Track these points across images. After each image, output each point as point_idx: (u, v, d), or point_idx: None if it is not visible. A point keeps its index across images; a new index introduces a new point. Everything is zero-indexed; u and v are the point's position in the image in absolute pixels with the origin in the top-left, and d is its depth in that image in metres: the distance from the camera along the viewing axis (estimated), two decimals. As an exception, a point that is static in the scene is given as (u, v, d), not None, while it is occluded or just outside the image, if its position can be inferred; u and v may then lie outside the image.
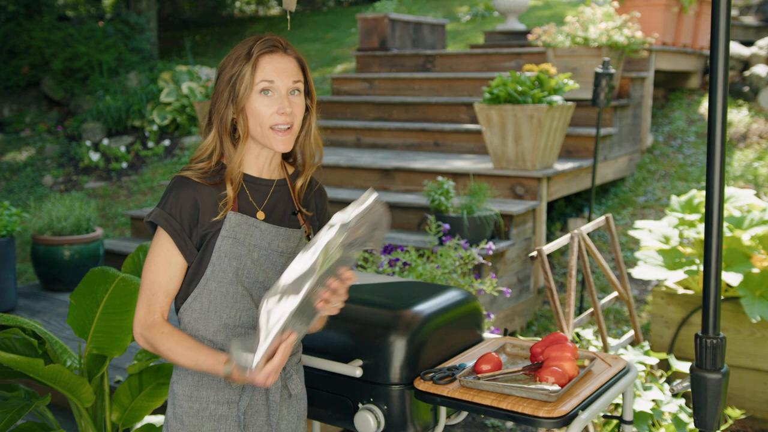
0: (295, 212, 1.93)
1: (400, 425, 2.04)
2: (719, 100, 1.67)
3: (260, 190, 1.88)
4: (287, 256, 1.87)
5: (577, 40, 5.72)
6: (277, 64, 1.80)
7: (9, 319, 2.47)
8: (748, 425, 3.71)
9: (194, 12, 16.97)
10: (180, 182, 1.81)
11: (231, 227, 1.81)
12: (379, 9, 8.03)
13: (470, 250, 3.54)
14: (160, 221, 1.79)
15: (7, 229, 4.60)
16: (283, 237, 1.87)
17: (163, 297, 1.80)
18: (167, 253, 1.80)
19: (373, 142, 6.41)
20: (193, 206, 1.79)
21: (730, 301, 3.73)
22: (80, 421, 2.58)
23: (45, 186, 8.05)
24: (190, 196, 1.79)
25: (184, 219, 1.79)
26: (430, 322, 2.10)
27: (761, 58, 6.90)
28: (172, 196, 1.80)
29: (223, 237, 1.80)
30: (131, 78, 9.50)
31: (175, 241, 1.79)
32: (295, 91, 1.82)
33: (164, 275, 1.80)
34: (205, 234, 1.81)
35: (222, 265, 1.80)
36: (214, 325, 1.82)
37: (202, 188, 1.80)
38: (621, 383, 2.05)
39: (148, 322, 1.79)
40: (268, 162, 1.89)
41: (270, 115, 1.79)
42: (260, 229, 1.84)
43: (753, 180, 5.75)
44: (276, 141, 1.81)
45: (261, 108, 1.79)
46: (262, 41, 1.81)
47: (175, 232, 1.78)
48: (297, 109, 1.82)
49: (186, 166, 1.86)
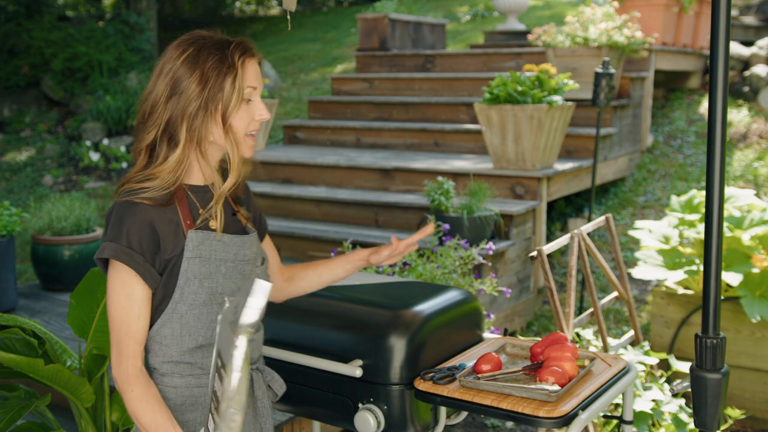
0: (235, 213, 1.85)
1: (400, 425, 2.04)
2: (719, 100, 1.67)
3: (206, 199, 1.77)
4: (251, 263, 1.80)
5: (577, 40, 5.72)
6: (255, 69, 1.72)
7: (9, 319, 2.47)
8: (748, 425, 3.71)
9: (194, 12, 16.98)
10: (131, 209, 1.65)
11: (194, 246, 1.69)
12: (379, 9, 8.03)
13: (470, 250, 3.54)
14: (119, 256, 1.63)
15: (7, 229, 4.60)
16: (246, 245, 1.79)
17: (131, 341, 1.67)
18: (129, 290, 1.66)
19: (373, 142, 6.41)
20: (151, 233, 1.66)
21: (730, 301, 3.73)
22: (80, 421, 2.58)
23: (45, 186, 8.05)
24: (146, 221, 1.65)
25: (144, 248, 1.65)
26: (430, 322, 2.10)
27: (761, 58, 6.90)
28: (126, 227, 1.65)
29: (189, 258, 1.68)
30: (131, 78, 9.50)
31: (138, 272, 1.65)
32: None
33: (129, 313, 1.66)
34: (168, 259, 1.68)
35: (192, 288, 1.69)
36: (189, 347, 1.72)
37: (157, 212, 1.67)
38: (621, 383, 2.05)
39: (121, 369, 1.67)
40: (213, 169, 1.77)
41: (249, 122, 1.71)
42: (223, 242, 1.74)
43: (753, 180, 5.75)
44: (247, 147, 1.73)
45: (243, 116, 1.70)
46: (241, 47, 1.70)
47: (137, 263, 1.64)
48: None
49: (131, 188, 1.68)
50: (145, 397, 1.65)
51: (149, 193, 1.66)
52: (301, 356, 2.15)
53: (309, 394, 2.17)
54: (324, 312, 2.21)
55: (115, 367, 1.68)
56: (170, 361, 1.73)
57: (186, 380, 1.74)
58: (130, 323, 1.67)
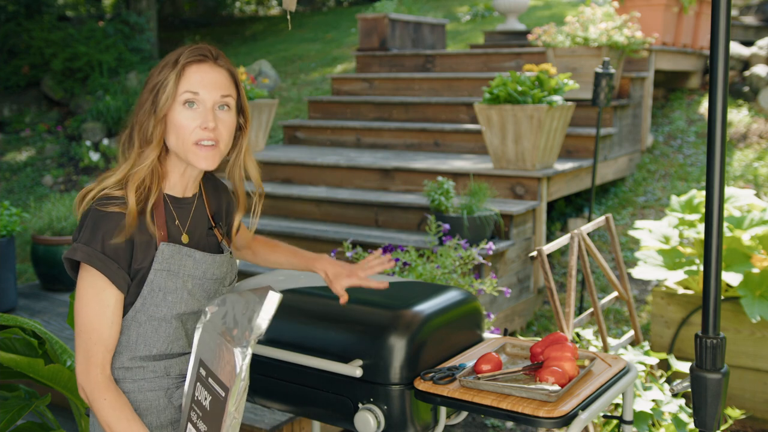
0: (212, 227, 1.82)
1: (400, 425, 2.04)
2: (719, 100, 1.67)
3: (184, 210, 1.75)
4: (219, 282, 1.78)
5: (577, 40, 5.72)
6: (204, 75, 1.65)
7: (9, 319, 2.47)
8: (748, 425, 3.71)
9: (194, 12, 16.98)
10: (105, 217, 1.63)
11: (164, 259, 1.67)
12: (379, 9, 8.03)
13: (470, 250, 3.54)
14: (92, 262, 1.60)
15: (7, 229, 4.60)
16: (218, 264, 1.77)
17: (102, 348, 1.63)
18: (101, 295, 1.63)
19: (373, 142, 6.41)
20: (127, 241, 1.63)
21: (730, 301, 3.73)
22: (80, 421, 2.58)
23: (45, 186, 8.05)
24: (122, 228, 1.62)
25: (119, 254, 1.62)
26: (430, 322, 2.10)
27: (761, 58, 6.90)
28: (101, 233, 1.61)
29: (156, 270, 1.66)
30: (131, 78, 9.50)
31: (111, 278, 1.62)
32: (224, 106, 1.68)
33: (100, 319, 1.63)
34: (139, 268, 1.66)
35: (155, 300, 1.67)
36: (141, 355, 1.70)
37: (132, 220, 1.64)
38: (621, 383, 2.05)
39: (90, 378, 1.63)
40: (193, 180, 1.76)
41: (192, 130, 1.64)
42: (194, 259, 1.71)
43: (753, 180, 5.75)
44: (199, 158, 1.66)
45: (183, 121, 1.64)
46: (191, 49, 1.67)
47: (110, 270, 1.61)
48: (223, 126, 1.67)
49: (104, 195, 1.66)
50: (118, 405, 1.63)
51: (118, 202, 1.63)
52: (301, 356, 2.15)
53: (309, 394, 2.17)
54: (324, 312, 2.21)
55: (82, 375, 1.64)
56: (122, 367, 1.70)
57: (138, 384, 1.71)
58: (101, 330, 1.63)
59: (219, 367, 1.59)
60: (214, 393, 1.59)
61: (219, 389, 1.57)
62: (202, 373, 1.65)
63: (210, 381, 1.61)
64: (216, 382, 1.59)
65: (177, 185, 1.75)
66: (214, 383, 1.59)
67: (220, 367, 1.58)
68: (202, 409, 1.63)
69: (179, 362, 1.75)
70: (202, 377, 1.65)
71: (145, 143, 1.66)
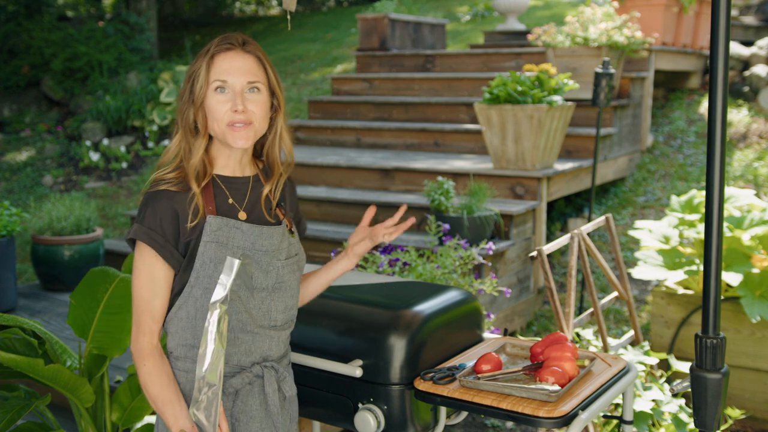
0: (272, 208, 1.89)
1: (400, 425, 2.04)
2: (719, 100, 1.67)
3: (239, 189, 1.85)
4: (272, 255, 1.84)
5: (577, 40, 5.72)
6: (231, 62, 1.77)
7: (9, 319, 2.47)
8: (748, 425, 3.71)
9: (194, 12, 16.98)
10: (154, 195, 1.77)
11: (212, 231, 1.77)
12: (379, 9, 8.03)
13: (470, 250, 3.54)
14: (140, 236, 1.74)
15: (7, 229, 4.60)
16: (266, 236, 1.83)
17: (149, 318, 1.76)
18: (150, 269, 1.76)
19: (373, 142, 6.41)
20: (173, 216, 1.75)
21: (730, 301, 3.73)
22: (80, 421, 2.58)
23: (45, 186, 8.05)
24: (168, 206, 1.75)
25: (166, 230, 1.75)
26: (430, 322, 2.10)
27: (761, 58, 6.90)
28: (149, 210, 1.75)
29: (206, 242, 1.76)
30: (131, 78, 9.50)
31: (159, 252, 1.74)
32: (253, 89, 1.78)
33: (149, 291, 1.76)
34: (188, 242, 1.76)
35: (207, 271, 1.76)
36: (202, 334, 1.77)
37: (178, 196, 1.76)
38: (621, 383, 2.05)
39: (137, 344, 1.77)
40: (238, 161, 1.86)
41: (225, 113, 1.76)
42: (242, 230, 1.80)
43: (753, 180, 5.76)
44: (233, 137, 1.77)
45: (216, 105, 1.76)
46: (220, 38, 1.80)
47: (158, 243, 1.74)
48: (255, 107, 1.78)
49: (157, 178, 1.81)
50: (156, 371, 1.75)
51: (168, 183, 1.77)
52: (302, 356, 2.15)
53: (309, 394, 2.17)
54: (324, 312, 2.21)
55: (133, 342, 1.78)
56: (185, 344, 1.80)
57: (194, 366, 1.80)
58: (150, 301, 1.76)
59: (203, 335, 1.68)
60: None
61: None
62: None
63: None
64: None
65: (225, 166, 1.85)
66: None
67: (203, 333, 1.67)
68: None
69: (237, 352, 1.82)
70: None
71: (188, 132, 1.79)
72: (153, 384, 1.74)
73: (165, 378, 1.76)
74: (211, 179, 1.82)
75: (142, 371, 1.76)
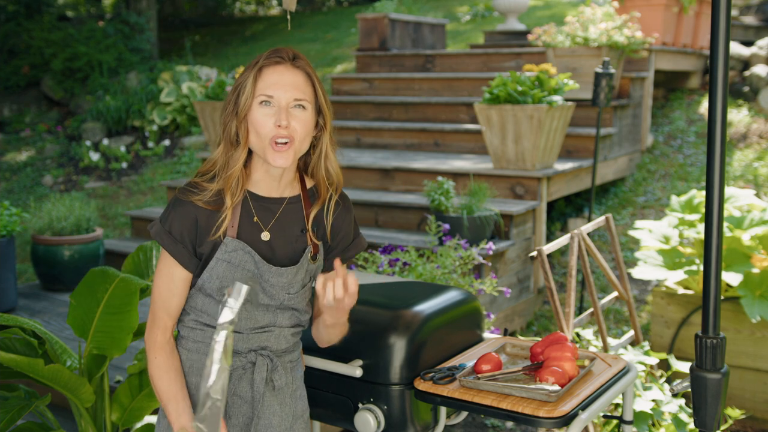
0: (305, 230, 1.86)
1: (400, 425, 2.04)
2: (719, 100, 1.67)
3: (269, 209, 1.83)
4: (280, 288, 1.83)
5: (577, 40, 5.72)
6: (280, 77, 1.74)
7: (9, 319, 2.47)
8: (748, 425, 3.71)
9: (194, 12, 16.98)
10: (183, 204, 1.78)
11: (227, 251, 1.78)
12: (379, 9, 8.03)
13: (470, 250, 3.54)
14: (160, 239, 1.79)
15: (7, 229, 4.60)
16: (275, 274, 1.81)
17: (165, 314, 1.81)
18: (170, 270, 1.80)
19: (373, 142, 6.41)
20: (192, 226, 1.78)
21: (730, 301, 3.73)
22: (80, 421, 2.58)
23: (45, 186, 8.05)
24: (192, 217, 1.77)
25: (185, 238, 1.78)
26: (430, 322, 2.10)
27: (761, 58, 6.90)
28: (174, 215, 1.78)
29: (218, 259, 1.78)
30: (131, 78, 9.50)
31: (177, 259, 1.78)
32: (298, 106, 1.75)
33: (167, 290, 1.81)
34: (203, 252, 1.79)
35: (212, 285, 1.79)
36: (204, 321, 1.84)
37: (202, 211, 1.77)
38: (621, 383, 2.05)
39: (151, 337, 1.82)
40: (277, 180, 1.82)
41: (269, 127, 1.73)
42: (254, 260, 1.80)
43: (753, 180, 5.76)
44: (273, 156, 1.73)
45: (260, 118, 1.73)
46: (270, 52, 1.78)
47: (176, 250, 1.78)
48: (298, 123, 1.74)
49: (194, 182, 1.81)
50: (165, 365, 1.80)
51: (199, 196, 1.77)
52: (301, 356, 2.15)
53: (309, 394, 2.17)
54: (324, 312, 2.21)
55: (147, 333, 1.84)
56: (187, 326, 1.86)
57: (197, 345, 1.85)
58: (166, 299, 1.81)
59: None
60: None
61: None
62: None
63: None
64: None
65: (260, 183, 1.83)
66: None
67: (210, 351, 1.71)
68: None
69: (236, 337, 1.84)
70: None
71: (229, 144, 1.77)
72: (161, 378, 1.78)
73: (173, 373, 1.79)
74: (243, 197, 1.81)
75: (152, 364, 1.80)
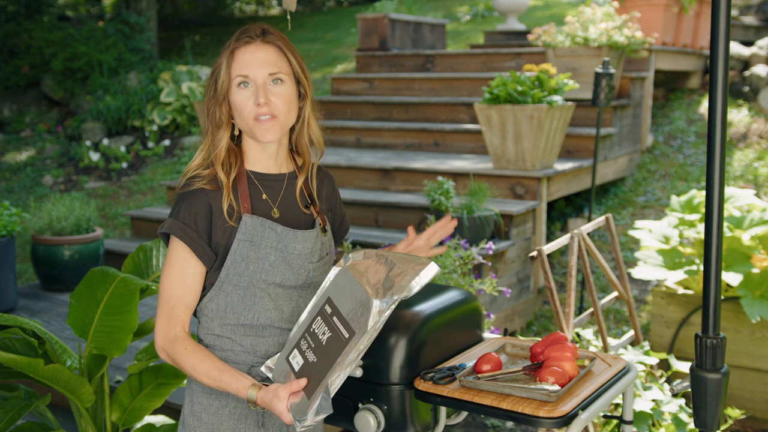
0: (308, 205, 1.89)
1: (400, 425, 2.04)
2: (719, 100, 1.66)
3: (273, 187, 1.85)
4: (304, 258, 1.84)
5: (577, 40, 5.72)
6: (251, 56, 1.75)
7: (9, 319, 2.46)
8: (748, 425, 3.71)
9: (194, 12, 16.97)
10: (191, 194, 1.77)
11: (247, 230, 1.77)
12: (379, 9, 8.03)
13: (470, 250, 3.54)
14: (174, 231, 1.75)
15: (7, 229, 4.60)
16: (300, 239, 1.83)
17: (182, 309, 1.77)
18: (183, 264, 1.76)
19: (373, 142, 6.41)
20: (206, 212, 1.76)
21: (730, 301, 3.73)
22: (80, 421, 2.58)
23: (45, 186, 8.05)
24: (203, 202, 1.76)
25: (199, 225, 1.75)
26: (430, 322, 2.10)
27: (761, 58, 6.90)
28: (184, 205, 1.76)
29: (239, 240, 1.76)
30: (131, 78, 9.50)
31: (192, 248, 1.75)
32: (276, 81, 1.76)
33: (181, 287, 1.77)
34: (221, 238, 1.77)
35: (238, 269, 1.77)
36: (231, 325, 1.80)
37: (214, 194, 1.77)
38: (621, 383, 2.05)
39: (170, 336, 1.76)
40: (273, 157, 1.85)
41: (250, 107, 1.75)
42: (276, 232, 1.80)
43: (753, 180, 5.75)
44: (260, 132, 1.76)
45: (240, 101, 1.75)
46: (239, 32, 1.79)
47: (191, 239, 1.75)
48: (278, 99, 1.76)
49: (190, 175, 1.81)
50: (196, 349, 1.74)
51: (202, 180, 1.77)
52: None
53: (309, 394, 2.17)
54: (324, 312, 2.21)
55: (161, 335, 1.76)
56: (213, 333, 1.82)
57: (225, 354, 1.81)
58: (182, 294, 1.77)
59: (350, 311, 1.66)
60: (335, 331, 1.66)
61: (343, 330, 1.65)
62: (327, 310, 1.72)
63: (334, 319, 1.68)
64: (342, 323, 1.66)
65: (258, 162, 1.85)
66: (339, 323, 1.67)
67: (351, 311, 1.66)
68: (315, 341, 1.70)
69: (266, 343, 1.82)
70: (326, 313, 1.72)
71: (215, 126, 1.79)
72: (202, 361, 1.72)
73: (206, 353, 1.74)
74: (246, 176, 1.82)
75: (182, 355, 1.73)
